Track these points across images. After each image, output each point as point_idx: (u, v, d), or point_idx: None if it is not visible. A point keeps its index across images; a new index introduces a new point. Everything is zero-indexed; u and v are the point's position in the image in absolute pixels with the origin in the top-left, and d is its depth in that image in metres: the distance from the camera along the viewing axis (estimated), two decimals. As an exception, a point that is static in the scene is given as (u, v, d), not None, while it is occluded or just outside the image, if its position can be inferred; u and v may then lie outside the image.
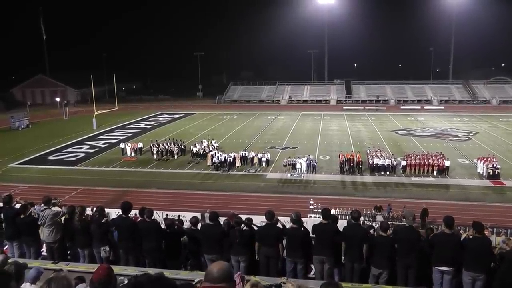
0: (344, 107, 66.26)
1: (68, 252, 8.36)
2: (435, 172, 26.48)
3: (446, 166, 26.57)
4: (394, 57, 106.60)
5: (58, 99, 72.77)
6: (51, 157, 33.77)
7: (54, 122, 54.58)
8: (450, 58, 79.15)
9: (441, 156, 27.46)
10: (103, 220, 8.19)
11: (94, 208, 8.63)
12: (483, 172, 26.19)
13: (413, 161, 27.01)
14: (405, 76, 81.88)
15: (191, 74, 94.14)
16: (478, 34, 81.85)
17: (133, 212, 9.98)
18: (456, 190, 23.99)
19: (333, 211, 16.51)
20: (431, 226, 10.27)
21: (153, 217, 8.24)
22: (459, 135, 40.79)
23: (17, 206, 8.76)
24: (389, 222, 15.90)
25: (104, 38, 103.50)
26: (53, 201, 8.63)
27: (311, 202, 19.14)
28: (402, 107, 65.50)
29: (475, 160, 28.62)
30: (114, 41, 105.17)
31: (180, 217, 16.99)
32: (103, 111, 52.15)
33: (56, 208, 8.37)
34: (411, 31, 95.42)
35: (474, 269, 6.76)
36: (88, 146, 37.74)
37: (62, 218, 8.27)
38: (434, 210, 18.67)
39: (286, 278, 5.94)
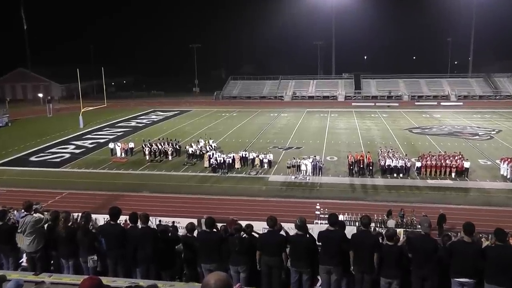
0: (353, 104, 66.24)
1: (51, 262, 8.33)
2: (453, 174, 26.43)
3: (465, 168, 26.52)
4: (408, 49, 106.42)
5: (41, 95, 72.95)
6: (33, 158, 33.81)
7: (37, 120, 54.72)
8: (470, 49, 78.88)
9: (460, 156, 27.41)
10: (90, 227, 8.17)
11: (80, 214, 8.59)
12: (507, 174, 26.12)
13: (428, 162, 26.96)
14: (420, 69, 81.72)
15: (187, 68, 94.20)
16: (501, 22, 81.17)
17: (123, 218, 9.94)
18: (477, 193, 23.93)
19: (341, 217, 16.49)
20: (449, 234, 10.23)
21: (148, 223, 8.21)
22: (480, 133, 40.72)
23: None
24: (404, 230, 15.90)
25: (91, 29, 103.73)
26: (34, 207, 8.60)
27: (317, 207, 19.12)
28: (416, 103, 65.47)
29: (498, 161, 28.57)
30: (102, 32, 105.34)
31: (175, 224, 16.98)
32: (91, 108, 52.20)
33: (38, 215, 8.33)
34: (426, 20, 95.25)
35: (497, 281, 6.70)
36: (74, 146, 37.76)
37: (45, 225, 8.25)
38: (453, 215, 18.63)
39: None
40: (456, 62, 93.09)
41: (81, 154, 34.68)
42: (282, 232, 7.91)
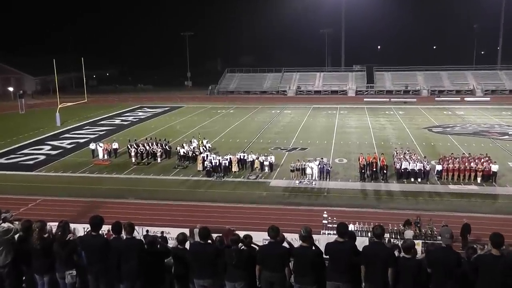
0: (365, 99, 66.33)
1: (23, 278, 8.30)
2: (478, 179, 26.42)
3: (493, 172, 26.50)
4: (428, 37, 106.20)
5: (11, 89, 72.92)
6: (2, 160, 33.81)
7: (7, 117, 54.68)
8: (499, 37, 78.69)
9: (487, 159, 27.41)
10: (68, 238, 8.14)
11: (57, 224, 8.55)
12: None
13: (451, 165, 26.95)
14: (441, 60, 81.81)
15: (178, 59, 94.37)
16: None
17: (106, 228, 9.90)
18: (506, 200, 23.93)
19: (351, 227, 16.49)
20: (474, 246, 10.19)
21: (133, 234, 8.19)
22: (510, 132, 40.73)
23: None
24: (423, 241, 15.88)
25: (69, 14, 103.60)
26: (3, 215, 8.52)
27: (325, 215, 19.08)
28: (437, 98, 65.51)
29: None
30: (82, 18, 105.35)
31: (164, 234, 16.97)
32: (69, 104, 52.17)
33: (7, 224, 8.26)
34: (449, 5, 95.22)
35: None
36: (49, 147, 37.74)
37: (15, 236, 8.21)
38: (478, 225, 18.63)
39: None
40: (482, 52, 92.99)
41: (58, 156, 34.62)
42: (285, 244, 7.89)
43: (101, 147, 33.68)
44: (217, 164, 28.68)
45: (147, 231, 17.44)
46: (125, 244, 7.82)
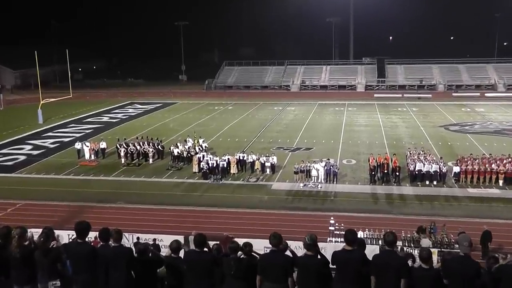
0: (375, 95, 66.31)
1: (2, 290, 8.31)
2: (500, 182, 26.43)
3: (515, 174, 26.52)
4: (445, 27, 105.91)
5: (-11, 84, 72.89)
6: (-18, 161, 33.84)
7: (-13, 115, 54.74)
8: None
9: (510, 159, 27.40)
10: (52, 246, 8.15)
11: (40, 230, 8.56)
12: None
13: (469, 167, 26.94)
14: (460, 52, 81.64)
15: (172, 51, 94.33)
16: None
17: (92, 235, 9.88)
18: (530, 205, 23.91)
19: (360, 234, 16.48)
20: (496, 255, 10.17)
21: (121, 241, 8.20)
22: (535, 131, 40.73)
23: None
24: (439, 250, 15.88)
25: (52, 1, 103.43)
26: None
27: (331, 221, 19.07)
28: (454, 94, 65.53)
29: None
30: (66, 6, 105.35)
31: (156, 242, 16.99)
32: (52, 100, 52.20)
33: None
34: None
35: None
36: (31, 147, 37.78)
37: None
38: (500, 233, 18.65)
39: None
40: (505, 43, 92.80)
41: (40, 156, 34.66)
42: (288, 253, 7.89)
43: (88, 146, 33.68)
44: (214, 165, 28.66)
45: (138, 238, 17.47)
46: (113, 252, 7.81)
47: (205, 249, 8.12)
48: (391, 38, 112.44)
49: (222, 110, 55.56)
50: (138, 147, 32.94)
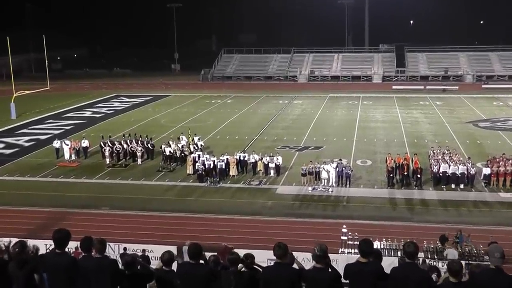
0: (394, 87, 66.19)
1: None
2: (537, 186, 26.40)
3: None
4: (473, 10, 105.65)
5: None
6: None
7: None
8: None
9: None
10: (27, 257, 8.15)
11: (13, 240, 8.57)
12: None
13: (501, 168, 26.89)
14: (491, 39, 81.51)
15: (164, 37, 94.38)
16: None
17: (73, 245, 9.88)
18: None
19: (376, 244, 16.45)
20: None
21: (105, 252, 8.21)
22: None
23: None
24: (466, 262, 15.83)
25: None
26: None
27: (344, 230, 19.05)
28: (484, 86, 65.39)
29: None
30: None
31: (146, 253, 16.99)
32: (27, 92, 52.18)
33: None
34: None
35: None
36: (2, 145, 37.86)
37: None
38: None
39: None
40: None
41: (13, 156, 34.68)
42: (295, 265, 7.88)
43: (68, 145, 33.67)
44: (211, 166, 28.64)
45: (125, 249, 17.45)
46: (95, 264, 7.82)
47: (201, 261, 8.11)
48: (411, 22, 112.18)
49: (220, 104, 55.53)
50: (125, 146, 32.93)
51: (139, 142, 33.32)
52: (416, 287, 7.25)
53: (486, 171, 27.15)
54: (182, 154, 31.51)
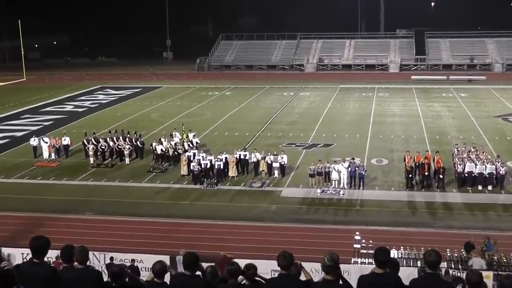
0: (413, 77, 66.13)
1: None
2: None
3: None
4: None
5: None
6: None
7: None
8: None
9: None
10: (2, 267, 8.17)
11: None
12: None
13: (533, 168, 26.89)
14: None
15: (154, 22, 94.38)
16: None
17: (52, 254, 9.89)
18: None
19: (393, 253, 16.43)
20: None
21: (88, 262, 8.21)
22: None
23: None
24: (495, 272, 15.82)
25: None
26: None
27: (357, 237, 19.05)
28: (514, 75, 65.28)
29: None
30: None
31: (135, 263, 17.00)
32: (0, 84, 52.29)
33: None
34: None
35: None
36: (-25, 143, 37.91)
37: None
38: None
39: None
40: None
41: (-13, 155, 34.75)
42: (302, 277, 7.88)
43: (46, 143, 33.69)
44: (208, 166, 28.65)
45: (112, 258, 17.48)
46: (78, 276, 7.82)
47: (197, 272, 8.11)
48: (432, 4, 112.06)
49: (218, 96, 55.55)
50: (111, 144, 32.93)
51: (127, 139, 33.31)
52: (438, 301, 7.25)
53: (518, 171, 27.19)
54: (175, 153, 31.50)
